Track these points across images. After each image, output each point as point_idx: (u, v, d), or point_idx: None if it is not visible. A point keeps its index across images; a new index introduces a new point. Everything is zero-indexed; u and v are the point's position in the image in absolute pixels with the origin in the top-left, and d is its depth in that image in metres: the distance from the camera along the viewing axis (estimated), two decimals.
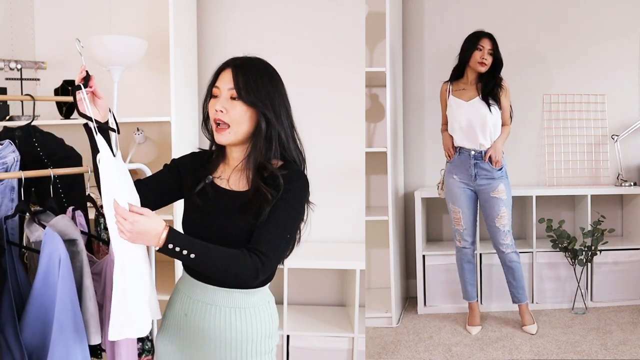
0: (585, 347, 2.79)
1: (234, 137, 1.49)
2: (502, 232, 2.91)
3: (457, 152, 2.95)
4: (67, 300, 1.49)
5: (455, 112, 2.92)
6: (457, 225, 2.99)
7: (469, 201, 2.96)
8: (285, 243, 1.46)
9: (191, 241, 1.37)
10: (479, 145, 2.88)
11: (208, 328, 1.53)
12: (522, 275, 2.99)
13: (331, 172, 3.18)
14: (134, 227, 1.33)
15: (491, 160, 2.87)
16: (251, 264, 1.37)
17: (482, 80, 2.91)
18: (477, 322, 3.04)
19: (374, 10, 3.24)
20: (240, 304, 1.52)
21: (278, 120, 1.49)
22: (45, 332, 1.51)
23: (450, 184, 2.98)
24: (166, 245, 1.34)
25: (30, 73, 2.99)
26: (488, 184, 2.89)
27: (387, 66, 2.99)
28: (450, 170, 2.99)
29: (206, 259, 1.37)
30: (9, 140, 1.82)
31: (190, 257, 1.35)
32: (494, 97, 2.88)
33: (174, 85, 2.70)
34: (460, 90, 2.95)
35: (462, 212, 2.95)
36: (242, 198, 1.48)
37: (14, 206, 1.77)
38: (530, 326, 2.98)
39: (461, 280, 3.08)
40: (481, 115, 2.86)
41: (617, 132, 3.47)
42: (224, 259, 1.37)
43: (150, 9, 3.11)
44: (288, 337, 2.95)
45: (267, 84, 1.49)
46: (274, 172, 1.45)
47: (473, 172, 2.91)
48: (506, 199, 2.90)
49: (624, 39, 3.52)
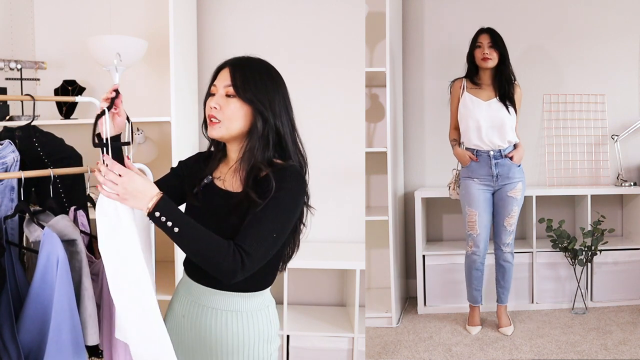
0: (585, 347, 2.79)
1: (225, 131, 1.47)
2: (508, 231, 2.91)
3: (474, 154, 2.91)
4: (64, 300, 1.49)
5: (472, 110, 2.87)
6: (471, 230, 2.91)
7: (486, 204, 2.90)
8: (272, 243, 1.39)
9: (180, 215, 1.34)
10: (497, 146, 2.86)
11: (204, 330, 1.52)
12: (511, 277, 2.99)
13: (331, 172, 3.18)
14: (129, 184, 1.31)
15: (511, 159, 2.88)
16: (232, 260, 1.31)
17: (497, 79, 2.89)
18: (477, 322, 3.04)
19: (374, 10, 3.24)
20: (237, 307, 1.51)
21: (277, 120, 1.47)
22: (43, 333, 1.51)
23: (468, 186, 2.92)
24: (154, 212, 1.32)
25: (30, 73, 2.99)
26: (509, 183, 2.88)
27: (387, 66, 2.99)
28: (468, 172, 2.93)
29: (190, 236, 1.33)
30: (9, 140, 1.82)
31: (174, 230, 1.31)
32: (510, 99, 2.87)
33: (174, 85, 2.70)
34: (476, 88, 2.92)
35: (479, 214, 2.88)
36: (234, 199, 1.45)
37: (13, 206, 1.77)
38: (507, 328, 2.98)
39: (467, 285, 3.04)
40: (500, 118, 2.85)
41: (617, 132, 3.47)
42: (207, 244, 1.32)
43: (150, 9, 3.11)
44: (288, 337, 2.95)
45: (266, 83, 1.47)
46: (268, 174, 1.41)
47: (495, 171, 2.88)
48: (519, 199, 2.90)
49: (624, 39, 3.52)
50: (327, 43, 3.18)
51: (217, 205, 1.49)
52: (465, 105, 2.91)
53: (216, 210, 1.47)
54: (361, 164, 3.12)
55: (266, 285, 1.57)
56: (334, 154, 3.18)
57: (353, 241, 3.20)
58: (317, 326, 3.00)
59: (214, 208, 1.48)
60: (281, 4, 3.21)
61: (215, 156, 1.60)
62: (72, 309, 1.50)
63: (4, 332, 1.53)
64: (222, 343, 1.51)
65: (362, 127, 3.18)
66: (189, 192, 1.56)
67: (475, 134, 2.88)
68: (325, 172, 3.15)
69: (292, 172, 1.45)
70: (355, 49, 3.13)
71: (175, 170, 1.66)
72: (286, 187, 1.41)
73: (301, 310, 3.18)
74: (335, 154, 3.18)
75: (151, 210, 1.32)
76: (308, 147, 1.57)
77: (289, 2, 3.20)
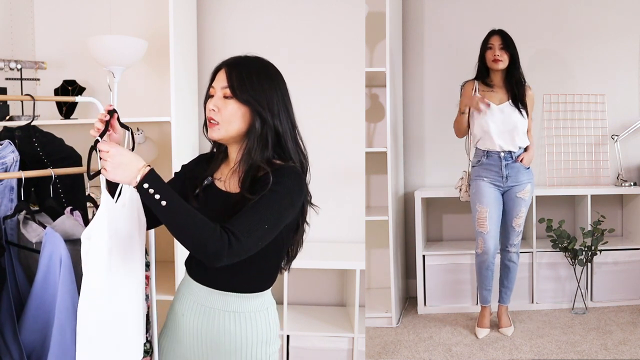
0: (585, 347, 2.78)
1: (224, 132, 1.47)
2: (516, 232, 2.92)
3: (484, 154, 2.91)
4: (67, 300, 1.48)
5: (485, 114, 2.85)
6: (481, 227, 2.87)
7: (496, 202, 2.90)
8: (263, 232, 1.35)
9: (168, 189, 1.32)
10: (509, 148, 2.87)
11: (203, 330, 1.52)
12: (515, 278, 2.99)
13: (331, 172, 3.18)
14: (116, 157, 1.31)
15: (522, 161, 2.89)
16: (219, 239, 1.28)
17: (508, 81, 2.90)
18: (487, 324, 3.01)
19: (374, 10, 3.24)
20: (235, 308, 1.51)
21: (275, 120, 1.46)
22: (45, 332, 1.51)
23: (479, 185, 2.91)
24: (142, 183, 1.30)
25: (30, 73, 2.99)
26: (518, 185, 2.89)
27: (387, 66, 2.99)
28: (479, 172, 2.93)
29: (176, 211, 1.30)
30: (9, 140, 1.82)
31: (162, 204, 1.29)
32: (522, 102, 2.88)
33: (174, 85, 2.70)
34: (489, 91, 2.92)
35: (489, 211, 2.86)
36: (233, 200, 1.45)
37: (13, 206, 1.77)
38: (507, 328, 2.98)
39: (478, 285, 3.02)
40: (512, 122, 2.85)
41: (617, 132, 3.47)
42: (193, 221, 1.30)
43: (150, 9, 3.10)
44: (288, 337, 2.95)
45: (263, 82, 1.46)
46: (266, 173, 1.41)
47: (505, 173, 2.88)
48: (528, 200, 2.91)
49: (624, 39, 3.52)
50: (327, 43, 3.18)
51: (216, 206, 1.49)
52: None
53: (215, 211, 1.46)
54: (361, 164, 3.11)
55: (266, 287, 1.57)
56: (334, 154, 3.18)
57: (353, 241, 3.20)
58: (317, 326, 3.00)
59: (213, 209, 1.48)
60: (281, 4, 3.21)
61: (216, 157, 1.60)
62: (75, 308, 1.49)
63: (5, 332, 1.53)
64: (219, 343, 1.51)
65: (362, 127, 3.18)
66: (190, 193, 1.55)
67: (487, 137, 2.88)
68: (325, 172, 3.14)
69: (290, 171, 1.44)
70: (355, 48, 3.13)
71: (178, 174, 1.66)
72: (282, 182, 1.40)
73: (301, 310, 3.18)
74: (335, 154, 3.18)
75: (139, 182, 1.31)
76: (308, 147, 1.56)
77: (289, 2, 3.20)
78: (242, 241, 1.31)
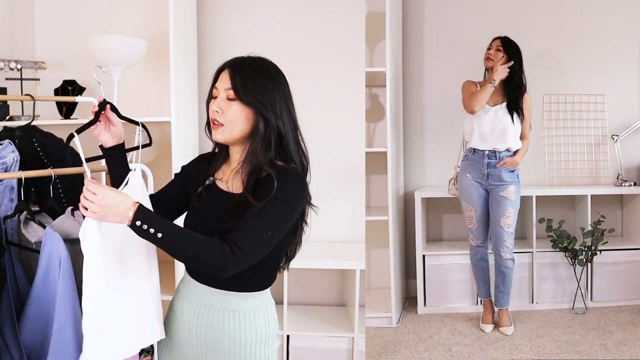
0: (585, 347, 2.79)
1: (228, 134, 1.47)
2: (506, 232, 2.91)
3: (471, 151, 2.97)
4: (67, 299, 1.49)
5: (478, 113, 2.90)
6: (470, 224, 3.02)
7: (481, 200, 2.97)
8: (266, 241, 1.37)
9: (160, 220, 1.33)
10: (493, 147, 2.91)
11: (201, 329, 1.52)
12: (511, 282, 2.99)
13: (331, 172, 3.18)
14: (104, 200, 1.31)
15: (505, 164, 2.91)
16: (221, 254, 1.30)
17: (507, 86, 2.92)
18: (491, 320, 3.04)
19: (374, 10, 3.24)
20: (234, 307, 1.50)
21: (278, 121, 1.46)
22: (45, 332, 1.51)
23: (463, 182, 3.00)
24: (134, 222, 1.31)
25: (30, 73, 2.99)
26: (499, 185, 2.92)
27: (387, 66, 2.99)
28: (465, 168, 3.01)
29: (174, 240, 1.32)
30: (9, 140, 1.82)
31: (158, 236, 1.30)
32: (516, 107, 2.90)
33: (174, 85, 2.70)
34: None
35: (475, 210, 2.97)
36: (234, 200, 1.44)
37: (13, 206, 1.77)
38: (508, 328, 2.99)
39: (475, 278, 3.11)
40: (503, 124, 2.90)
41: (617, 132, 3.47)
42: (192, 244, 1.32)
43: (150, 9, 3.11)
44: (288, 337, 2.95)
45: (266, 83, 1.46)
46: (270, 174, 1.40)
47: (486, 171, 2.93)
48: (514, 200, 2.92)
49: (624, 39, 3.52)
50: (327, 43, 3.18)
51: (217, 206, 1.49)
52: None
53: (216, 211, 1.47)
54: (361, 164, 3.12)
55: (265, 286, 1.57)
56: (334, 154, 3.18)
57: (353, 241, 3.20)
58: (317, 326, 3.00)
59: (214, 209, 1.48)
60: (281, 4, 3.21)
61: (218, 157, 1.60)
62: (75, 309, 1.50)
63: (5, 332, 1.53)
64: (218, 342, 1.51)
65: (362, 127, 3.18)
66: (192, 193, 1.56)
67: (476, 135, 2.94)
68: (326, 172, 3.14)
69: (293, 174, 1.44)
70: (355, 49, 3.13)
71: (179, 175, 1.66)
72: (286, 188, 1.40)
73: (301, 310, 3.18)
74: (335, 154, 3.18)
75: (132, 221, 1.31)
76: (308, 147, 1.56)
77: (289, 2, 3.20)
78: (245, 250, 1.33)
